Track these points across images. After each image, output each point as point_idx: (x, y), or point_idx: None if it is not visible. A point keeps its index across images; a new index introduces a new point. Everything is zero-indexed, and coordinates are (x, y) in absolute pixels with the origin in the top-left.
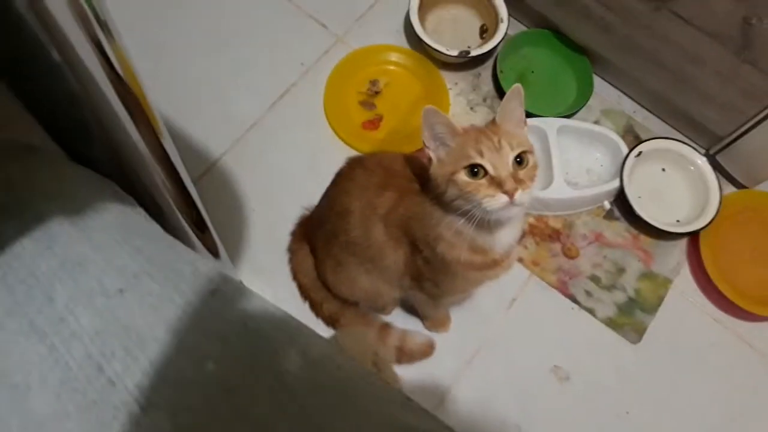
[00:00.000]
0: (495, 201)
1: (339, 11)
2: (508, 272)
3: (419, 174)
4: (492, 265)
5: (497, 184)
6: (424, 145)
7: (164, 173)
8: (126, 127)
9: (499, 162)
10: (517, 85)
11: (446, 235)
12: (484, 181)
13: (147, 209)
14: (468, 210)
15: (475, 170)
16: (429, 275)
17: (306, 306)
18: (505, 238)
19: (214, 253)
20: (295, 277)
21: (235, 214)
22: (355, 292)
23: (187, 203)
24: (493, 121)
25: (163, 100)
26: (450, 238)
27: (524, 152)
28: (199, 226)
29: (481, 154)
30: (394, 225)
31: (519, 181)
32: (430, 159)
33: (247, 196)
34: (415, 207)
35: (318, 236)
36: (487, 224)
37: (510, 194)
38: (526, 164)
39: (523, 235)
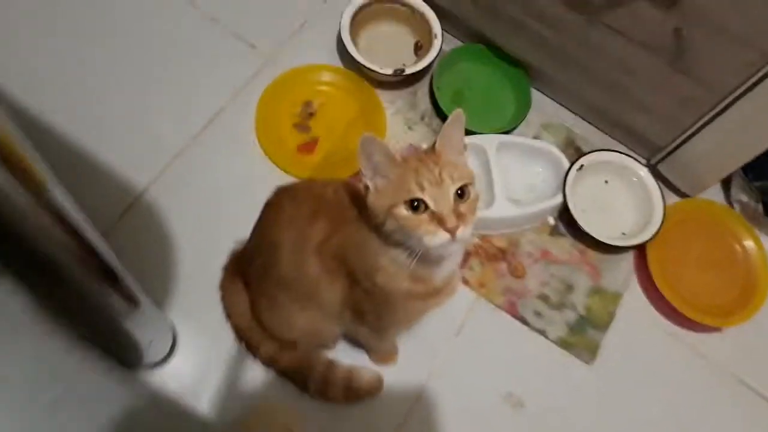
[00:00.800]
0: (436, 238)
1: (268, 30)
2: (452, 297)
3: (356, 202)
4: (434, 294)
5: (438, 220)
6: (361, 174)
7: (58, 227)
8: (6, 192)
9: (440, 197)
10: (458, 111)
11: (386, 265)
12: (425, 216)
13: (41, 264)
14: (407, 244)
15: (415, 204)
16: (369, 308)
17: (243, 347)
18: (446, 266)
19: (133, 301)
20: (229, 317)
21: (163, 249)
22: (293, 332)
23: (90, 255)
24: (433, 149)
25: (81, 128)
26: (389, 269)
27: (465, 185)
28: (109, 277)
29: (422, 188)
30: (329, 256)
31: (460, 216)
32: (367, 187)
33: (176, 230)
34: (351, 236)
35: (250, 273)
36: (427, 257)
37: (452, 232)
38: (467, 197)
39: (468, 257)
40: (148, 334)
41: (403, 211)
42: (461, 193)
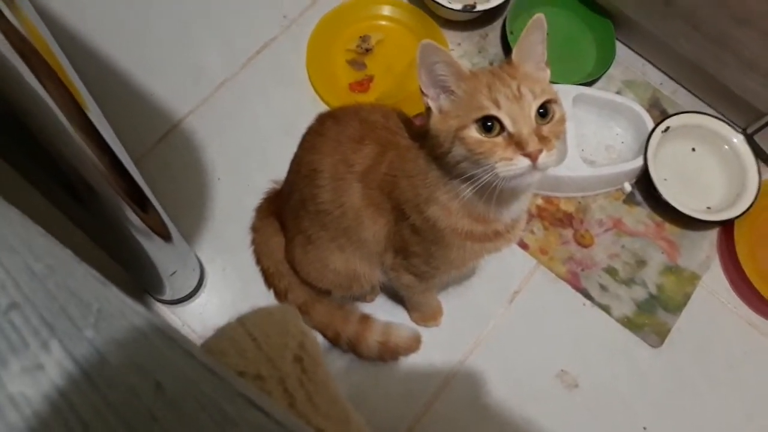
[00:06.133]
0: (513, 166)
1: None
2: (512, 244)
3: (411, 130)
4: (493, 237)
5: (517, 144)
6: (421, 92)
7: (94, 152)
8: (42, 104)
9: (519, 114)
10: (539, 16)
11: (441, 198)
12: (500, 139)
13: (76, 189)
14: (476, 175)
15: (488, 124)
16: (417, 248)
17: (272, 294)
18: (516, 206)
19: (164, 234)
20: (259, 261)
21: (198, 183)
22: (327, 276)
23: (124, 181)
24: (509, 62)
25: (124, 51)
26: (445, 202)
27: (549, 101)
28: (141, 205)
29: (497, 104)
30: (375, 186)
31: (543, 140)
32: (429, 109)
33: (213, 164)
34: (402, 163)
35: (286, 211)
36: (497, 191)
37: (533, 157)
38: (551, 117)
39: (530, 219)
40: (172, 264)
41: (473, 133)
42: (544, 112)
